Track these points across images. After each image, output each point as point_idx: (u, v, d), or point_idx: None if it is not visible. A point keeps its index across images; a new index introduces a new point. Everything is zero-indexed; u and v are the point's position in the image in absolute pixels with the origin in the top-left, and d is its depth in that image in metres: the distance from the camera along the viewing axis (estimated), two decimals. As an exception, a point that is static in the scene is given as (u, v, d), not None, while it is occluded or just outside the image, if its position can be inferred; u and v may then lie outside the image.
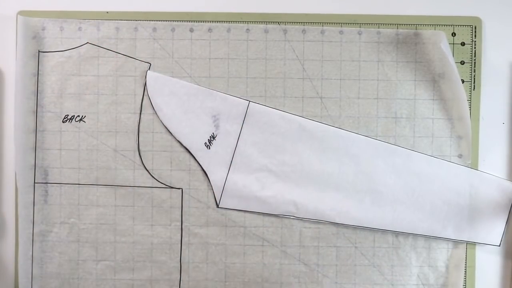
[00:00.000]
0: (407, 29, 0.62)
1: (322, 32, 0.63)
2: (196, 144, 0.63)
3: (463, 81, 0.62)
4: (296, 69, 0.63)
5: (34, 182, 0.63)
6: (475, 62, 0.63)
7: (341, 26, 0.63)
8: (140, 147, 0.63)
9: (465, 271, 0.63)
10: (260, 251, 0.63)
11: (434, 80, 0.62)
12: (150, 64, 0.63)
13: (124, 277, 0.64)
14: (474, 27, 0.63)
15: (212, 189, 0.63)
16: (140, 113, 0.63)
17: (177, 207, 0.63)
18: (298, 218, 0.63)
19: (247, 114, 0.62)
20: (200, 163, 0.63)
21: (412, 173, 0.62)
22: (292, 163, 0.63)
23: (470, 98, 0.63)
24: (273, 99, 0.63)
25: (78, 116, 0.63)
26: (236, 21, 0.63)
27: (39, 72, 0.63)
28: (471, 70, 0.63)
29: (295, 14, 0.63)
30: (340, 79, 0.63)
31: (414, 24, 0.62)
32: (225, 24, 0.63)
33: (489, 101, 0.63)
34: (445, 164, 0.63)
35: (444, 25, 0.62)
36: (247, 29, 0.63)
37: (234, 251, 0.63)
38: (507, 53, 0.63)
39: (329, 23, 0.63)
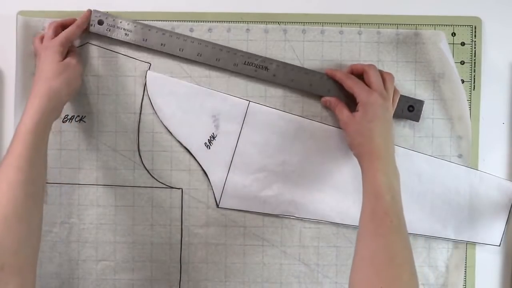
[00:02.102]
0: (407, 29, 0.62)
1: (322, 32, 0.63)
2: (196, 144, 0.63)
3: (463, 81, 0.62)
4: (296, 69, 0.63)
5: (34, 182, 0.63)
6: (475, 62, 0.63)
7: (341, 26, 0.63)
8: (140, 147, 0.63)
9: (465, 271, 0.63)
10: (260, 251, 0.63)
11: (434, 80, 0.62)
12: (150, 64, 0.63)
13: (124, 277, 0.64)
14: (474, 27, 0.63)
15: (212, 189, 0.63)
16: (140, 113, 0.63)
17: (177, 207, 0.63)
18: (298, 218, 0.63)
19: (247, 114, 0.62)
20: (200, 163, 0.63)
21: (412, 173, 0.62)
22: (292, 163, 0.63)
23: (470, 98, 0.63)
24: (273, 99, 0.63)
25: (78, 116, 0.63)
26: (236, 21, 0.63)
27: (39, 72, 0.62)
28: (471, 70, 0.63)
29: (295, 14, 0.63)
30: (340, 79, 0.63)
31: (414, 24, 0.62)
32: (225, 24, 0.63)
33: (489, 101, 0.63)
34: (445, 164, 0.63)
35: (444, 25, 0.62)
36: (247, 29, 0.63)
37: (234, 251, 0.63)
38: (507, 53, 0.63)
39: (329, 23, 0.63)
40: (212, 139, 0.63)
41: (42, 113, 0.51)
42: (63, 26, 0.59)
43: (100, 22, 0.61)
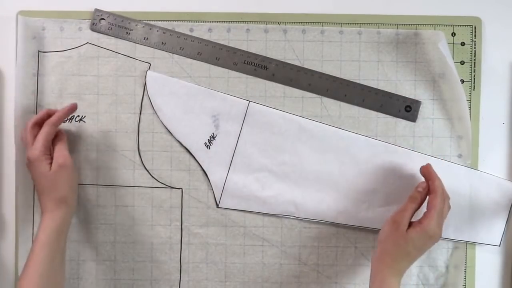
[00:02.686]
0: (407, 29, 0.62)
1: (322, 32, 0.63)
2: (196, 144, 0.63)
3: (463, 81, 0.62)
4: (296, 69, 0.63)
5: (34, 182, 0.63)
6: (475, 62, 0.63)
7: (341, 26, 0.63)
8: (140, 147, 0.63)
9: (465, 271, 0.63)
10: (260, 251, 0.63)
11: (434, 80, 0.62)
12: (150, 64, 0.63)
13: (124, 277, 0.64)
14: (474, 27, 0.63)
15: (212, 189, 0.63)
16: (140, 113, 0.63)
17: (177, 207, 0.63)
18: (298, 218, 0.63)
19: (247, 114, 0.62)
20: (200, 163, 0.63)
21: (412, 173, 0.62)
22: (292, 163, 0.63)
23: (470, 98, 0.63)
24: (273, 99, 0.63)
25: (78, 116, 0.63)
26: (236, 21, 0.63)
27: (39, 72, 0.63)
28: (471, 70, 0.63)
29: (295, 14, 0.63)
30: (340, 79, 0.63)
31: (414, 24, 0.62)
32: (225, 24, 0.63)
33: (489, 101, 0.63)
34: (445, 164, 0.63)
35: (444, 25, 0.62)
36: (247, 29, 0.63)
37: (234, 251, 0.63)
38: (507, 53, 0.63)
39: (329, 23, 0.63)
40: (212, 139, 0.63)
41: (54, 226, 0.55)
42: (38, 123, 0.57)
43: (102, 21, 0.61)
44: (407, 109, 0.62)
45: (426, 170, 0.56)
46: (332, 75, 0.62)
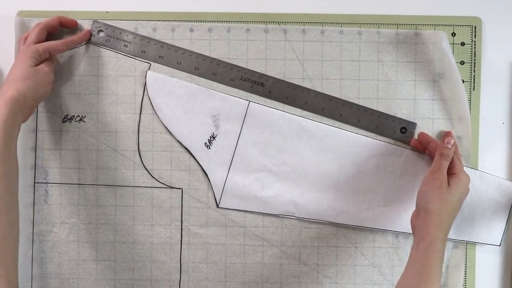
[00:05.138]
0: (407, 29, 0.62)
1: (322, 32, 0.63)
2: (196, 144, 0.63)
3: (463, 81, 0.62)
4: (296, 69, 0.63)
5: (34, 182, 0.63)
6: (475, 62, 0.63)
7: (341, 26, 0.63)
8: (140, 147, 0.63)
9: (465, 271, 0.63)
10: (260, 251, 0.63)
11: (434, 80, 0.62)
12: (150, 64, 0.63)
13: (124, 277, 0.64)
14: (474, 27, 0.63)
15: (212, 189, 0.63)
16: (140, 113, 0.63)
17: (177, 207, 0.63)
18: (298, 218, 0.63)
19: (247, 114, 0.62)
20: (200, 163, 0.63)
21: (412, 173, 0.62)
22: (292, 163, 0.63)
23: (470, 98, 0.63)
24: (273, 99, 0.63)
25: (78, 116, 0.63)
26: (236, 21, 0.63)
27: (39, 72, 0.62)
28: (471, 70, 0.63)
29: (295, 14, 0.63)
30: (340, 79, 0.63)
31: (414, 24, 0.62)
32: (225, 24, 0.63)
33: (489, 101, 0.63)
34: (445, 164, 0.63)
35: (444, 25, 0.62)
36: (247, 29, 0.63)
37: (234, 251, 0.63)
38: (507, 53, 0.63)
39: (329, 23, 0.63)
40: (212, 139, 0.63)
41: (7, 114, 0.52)
42: (48, 27, 0.59)
43: (100, 33, 0.62)
44: (402, 130, 0.62)
45: (425, 136, 0.61)
46: (328, 94, 0.62)
